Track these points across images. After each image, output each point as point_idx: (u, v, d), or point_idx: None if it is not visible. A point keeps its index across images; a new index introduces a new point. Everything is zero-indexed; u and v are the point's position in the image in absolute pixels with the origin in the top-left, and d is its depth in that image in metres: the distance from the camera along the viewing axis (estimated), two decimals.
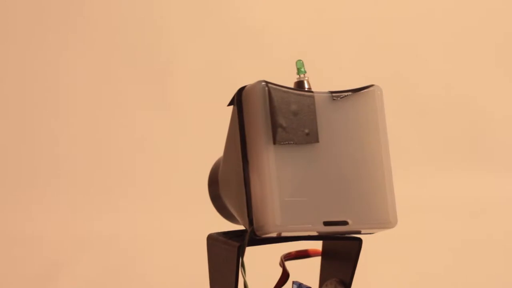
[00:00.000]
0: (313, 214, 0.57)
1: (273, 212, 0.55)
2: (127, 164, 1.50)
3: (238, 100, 0.59)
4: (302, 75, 0.60)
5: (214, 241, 0.64)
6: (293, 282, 0.62)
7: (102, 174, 1.48)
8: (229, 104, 0.60)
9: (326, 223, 0.57)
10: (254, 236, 0.57)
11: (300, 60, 0.60)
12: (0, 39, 1.54)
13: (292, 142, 0.57)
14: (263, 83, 0.58)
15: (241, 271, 0.59)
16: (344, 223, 0.58)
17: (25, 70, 1.54)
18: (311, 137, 0.58)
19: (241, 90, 0.59)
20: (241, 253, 0.59)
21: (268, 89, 0.57)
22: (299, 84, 0.60)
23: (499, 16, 1.63)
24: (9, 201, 1.44)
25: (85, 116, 1.53)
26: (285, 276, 0.62)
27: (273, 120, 0.57)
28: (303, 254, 0.66)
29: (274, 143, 0.56)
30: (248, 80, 0.63)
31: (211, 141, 0.71)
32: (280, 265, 0.65)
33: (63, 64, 1.54)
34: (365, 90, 0.60)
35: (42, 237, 1.35)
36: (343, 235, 0.61)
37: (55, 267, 1.24)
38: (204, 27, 1.57)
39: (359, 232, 0.60)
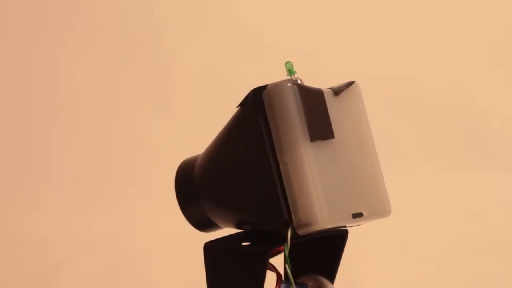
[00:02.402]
0: (343, 207, 0.58)
1: (321, 208, 0.56)
2: (127, 164, 1.50)
3: (256, 100, 0.58)
4: (293, 76, 0.61)
5: (224, 252, 0.62)
6: (282, 282, 0.62)
7: (102, 174, 1.48)
8: (240, 105, 0.60)
9: (354, 216, 0.58)
10: (295, 235, 0.57)
11: (289, 61, 0.60)
12: (0, 39, 1.54)
13: (321, 139, 0.58)
14: (291, 82, 0.58)
15: (286, 267, 0.59)
16: (361, 215, 0.58)
17: (25, 70, 1.54)
18: (329, 133, 0.58)
19: (258, 90, 0.59)
20: (285, 249, 0.58)
21: (298, 87, 0.58)
22: None
23: (499, 16, 1.64)
24: (9, 201, 1.44)
25: (85, 116, 1.53)
26: (280, 278, 0.62)
27: (307, 118, 0.57)
28: (280, 250, 0.65)
29: (311, 140, 0.57)
30: (247, 80, 0.63)
31: (211, 141, 0.71)
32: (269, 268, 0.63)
33: (63, 64, 1.54)
34: (351, 86, 0.61)
35: (42, 237, 1.35)
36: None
37: (55, 267, 1.24)
38: (204, 27, 1.57)
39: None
